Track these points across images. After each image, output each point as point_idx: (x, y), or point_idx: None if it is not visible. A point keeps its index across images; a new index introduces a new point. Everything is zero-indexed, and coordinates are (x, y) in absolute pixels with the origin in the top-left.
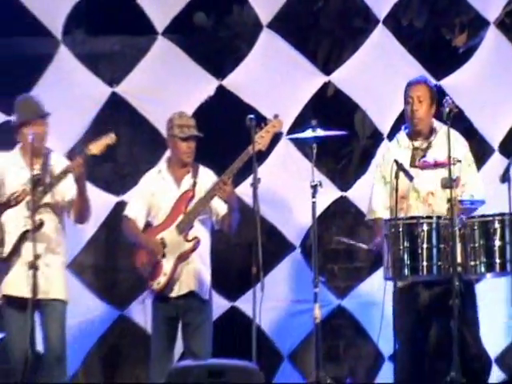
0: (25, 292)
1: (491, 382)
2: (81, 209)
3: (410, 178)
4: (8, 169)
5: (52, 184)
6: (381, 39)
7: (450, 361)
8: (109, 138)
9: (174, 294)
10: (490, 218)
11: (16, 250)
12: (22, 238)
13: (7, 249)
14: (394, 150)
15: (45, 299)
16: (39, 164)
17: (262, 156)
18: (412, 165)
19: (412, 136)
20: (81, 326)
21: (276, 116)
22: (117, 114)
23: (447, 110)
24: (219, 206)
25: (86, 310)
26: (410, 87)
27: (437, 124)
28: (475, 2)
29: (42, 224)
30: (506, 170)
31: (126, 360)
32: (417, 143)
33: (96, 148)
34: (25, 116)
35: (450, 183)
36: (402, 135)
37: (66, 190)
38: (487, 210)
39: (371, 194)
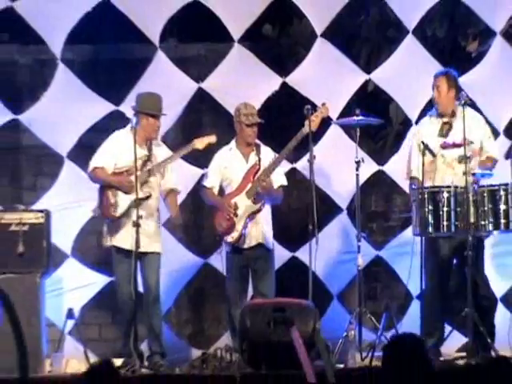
0: (128, 245)
1: None
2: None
3: (433, 154)
4: (121, 147)
5: (153, 169)
6: (410, 46)
7: (465, 300)
8: (211, 138)
9: (245, 246)
10: (497, 187)
11: (127, 213)
12: (133, 203)
13: (120, 210)
14: (427, 124)
15: (145, 252)
16: (147, 148)
17: (316, 138)
18: (440, 134)
19: (439, 115)
20: (174, 272)
21: (323, 104)
22: (202, 105)
23: (463, 101)
24: (274, 181)
25: (177, 259)
26: (434, 79)
27: (459, 108)
28: (485, 16)
29: (149, 196)
30: (510, 149)
31: (209, 299)
32: (444, 119)
33: (200, 144)
34: (149, 109)
35: (464, 159)
36: (432, 113)
37: (168, 179)
38: (494, 180)
39: (409, 157)
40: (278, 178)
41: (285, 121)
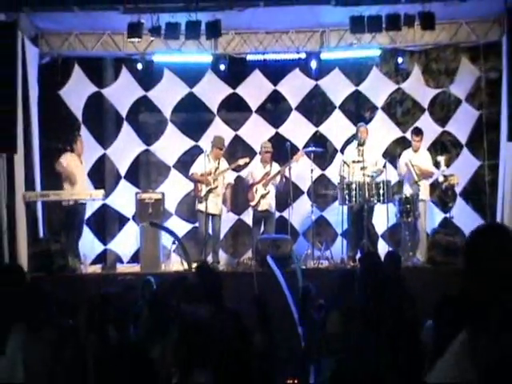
0: (206, 209)
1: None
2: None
3: (348, 166)
4: (203, 164)
5: (220, 173)
6: (337, 114)
7: (363, 235)
8: (247, 159)
9: (259, 209)
10: (379, 182)
11: (206, 195)
12: (209, 190)
13: (203, 193)
14: (351, 150)
15: (214, 214)
16: (217, 162)
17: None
18: (358, 155)
19: (359, 145)
20: (224, 221)
21: (302, 150)
22: (238, 143)
23: (363, 141)
24: (277, 180)
25: (226, 216)
26: (360, 127)
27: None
28: (373, 99)
29: (217, 187)
30: (384, 164)
31: (240, 235)
32: (361, 148)
33: (242, 162)
34: (219, 145)
35: (363, 167)
36: (354, 144)
37: (227, 178)
38: (379, 179)
39: (340, 166)
40: (277, 180)
41: (277, 151)
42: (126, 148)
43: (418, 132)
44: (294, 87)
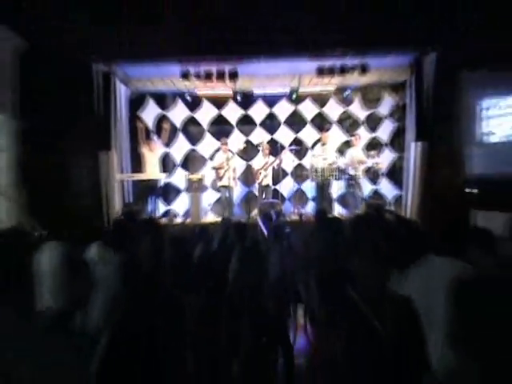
0: (228, 183)
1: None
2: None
3: (316, 158)
4: (217, 158)
5: (231, 159)
6: (309, 127)
7: (324, 199)
8: (244, 145)
9: (263, 184)
10: (334, 167)
11: (224, 174)
12: (225, 171)
13: (222, 174)
14: (317, 148)
15: (230, 186)
16: (226, 154)
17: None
18: (322, 151)
19: (322, 145)
20: (239, 192)
21: (287, 148)
22: (248, 144)
23: (325, 142)
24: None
25: (241, 190)
26: (323, 134)
27: None
28: (331, 116)
29: (229, 168)
30: (337, 157)
31: (252, 202)
32: (323, 147)
33: (241, 147)
34: (223, 142)
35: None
36: (319, 144)
37: (234, 163)
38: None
39: (310, 158)
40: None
41: (272, 148)
42: (180, 148)
43: (355, 135)
44: (282, 110)
